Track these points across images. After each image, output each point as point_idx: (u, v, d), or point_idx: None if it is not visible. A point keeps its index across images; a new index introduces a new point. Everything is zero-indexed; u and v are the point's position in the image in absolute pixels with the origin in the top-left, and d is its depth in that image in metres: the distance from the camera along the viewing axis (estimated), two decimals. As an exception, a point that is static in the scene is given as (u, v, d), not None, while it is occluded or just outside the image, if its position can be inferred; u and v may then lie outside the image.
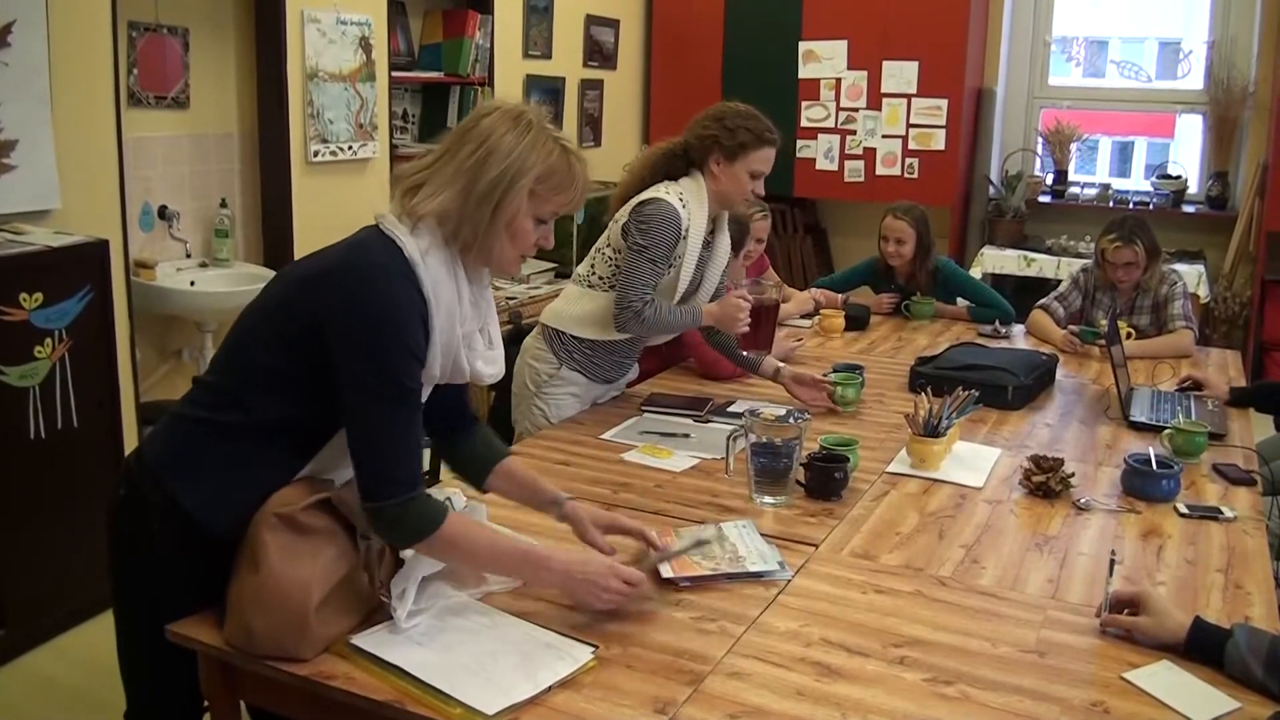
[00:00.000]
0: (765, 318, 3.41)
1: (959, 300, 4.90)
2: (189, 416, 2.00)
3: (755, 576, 2.16)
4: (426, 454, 2.68)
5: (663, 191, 3.18)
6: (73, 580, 3.57)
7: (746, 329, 3.25)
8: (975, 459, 2.91)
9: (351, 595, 1.89)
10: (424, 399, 1.99)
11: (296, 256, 5.00)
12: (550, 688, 1.73)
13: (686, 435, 3.05)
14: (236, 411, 1.93)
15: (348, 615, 1.88)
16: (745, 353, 3.43)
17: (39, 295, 3.44)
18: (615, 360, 3.36)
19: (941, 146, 7.02)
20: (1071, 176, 7.43)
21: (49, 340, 3.49)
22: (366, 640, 1.83)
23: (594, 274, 3.28)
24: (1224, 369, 4.11)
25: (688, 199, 3.20)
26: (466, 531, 1.92)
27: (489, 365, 2.10)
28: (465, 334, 1.99)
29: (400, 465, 1.86)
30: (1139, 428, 3.21)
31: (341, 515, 1.90)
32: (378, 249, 1.91)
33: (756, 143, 3.20)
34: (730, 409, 3.28)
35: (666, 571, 2.16)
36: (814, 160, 7.35)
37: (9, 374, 3.39)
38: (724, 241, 3.44)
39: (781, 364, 3.47)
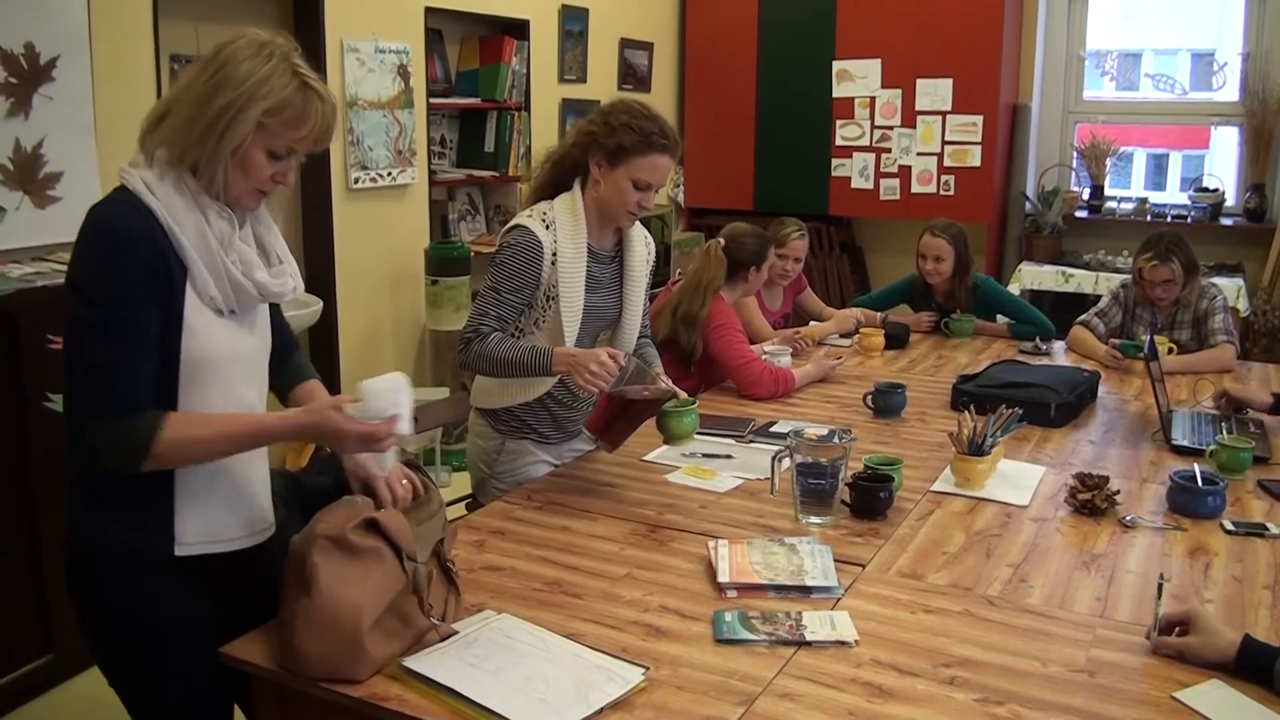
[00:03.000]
0: (632, 413, 2.72)
1: (998, 317, 4.90)
2: (70, 456, 1.99)
3: (805, 591, 2.18)
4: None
5: (525, 216, 2.87)
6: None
7: (592, 391, 2.64)
8: (1020, 477, 2.91)
9: (402, 616, 1.91)
10: (234, 331, 1.99)
11: (339, 282, 5.06)
12: (602, 709, 1.74)
13: (729, 456, 3.06)
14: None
15: (399, 636, 1.90)
16: (587, 431, 2.83)
17: (87, 324, 3.48)
18: (563, 414, 3.05)
19: (977, 163, 7.00)
20: (1107, 191, 7.40)
21: (96, 368, 3.53)
22: (419, 662, 1.85)
23: None
24: (1266, 383, 4.08)
25: (556, 219, 2.85)
26: (188, 428, 1.88)
27: (278, 279, 2.04)
28: (225, 247, 1.93)
29: (109, 393, 1.83)
30: (1181, 451, 3.16)
31: (388, 536, 1.92)
32: (108, 197, 1.91)
33: (642, 147, 2.78)
34: (773, 429, 3.28)
35: (722, 576, 2.20)
36: (849, 179, 7.35)
37: (56, 401, 3.43)
38: (637, 254, 3.03)
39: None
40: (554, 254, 2.83)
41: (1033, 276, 6.96)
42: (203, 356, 1.92)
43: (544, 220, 2.86)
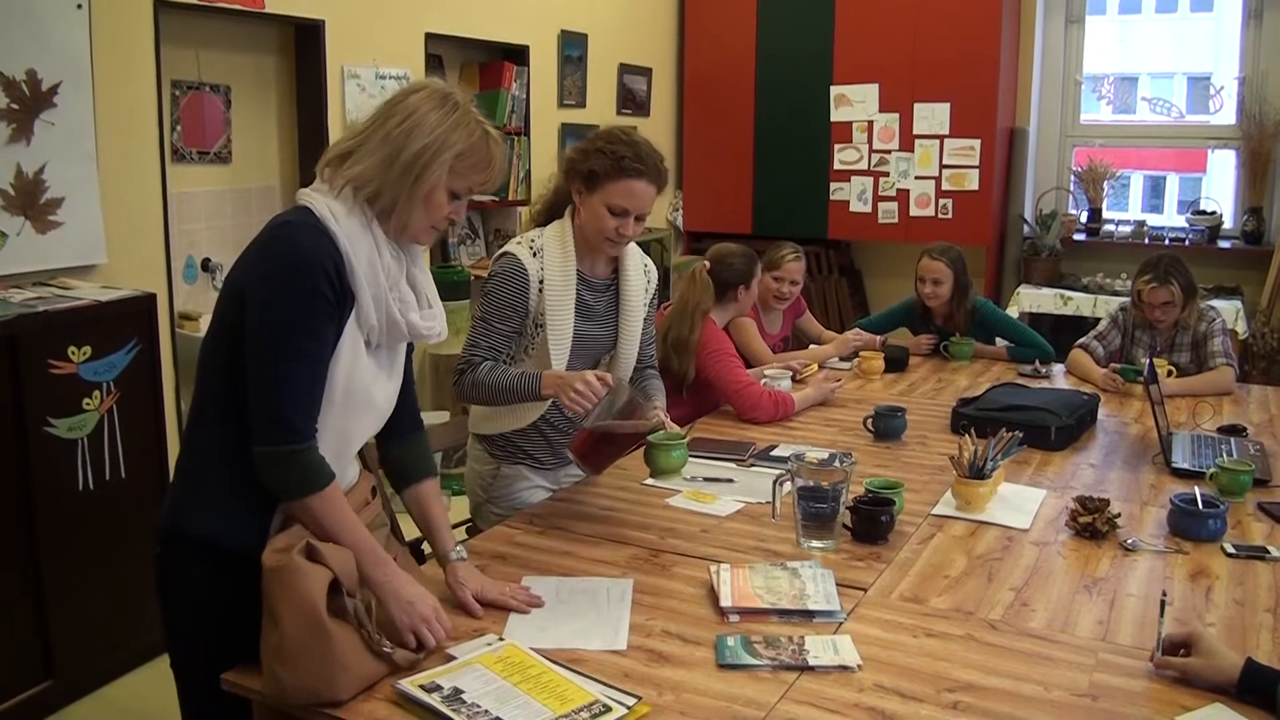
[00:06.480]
0: (615, 444, 2.66)
1: (998, 340, 4.91)
2: (184, 451, 2.08)
3: (807, 615, 2.17)
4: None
5: (514, 244, 2.89)
6: (120, 630, 3.59)
7: (577, 411, 2.60)
8: (1020, 500, 2.91)
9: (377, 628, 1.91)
10: (373, 364, 2.07)
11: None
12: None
13: (730, 480, 3.05)
14: (214, 427, 2.01)
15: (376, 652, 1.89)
16: (569, 454, 2.75)
17: (87, 348, 3.49)
18: (558, 440, 3.03)
19: (975, 187, 7.02)
20: (1105, 214, 7.42)
21: (97, 393, 3.54)
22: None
23: None
24: (1265, 406, 4.08)
25: (545, 246, 2.86)
26: (341, 507, 1.97)
27: (427, 321, 2.14)
28: (391, 284, 2.04)
29: (297, 411, 1.92)
30: (1181, 474, 3.15)
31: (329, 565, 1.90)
32: (289, 214, 2.01)
33: (614, 172, 2.75)
34: (774, 453, 3.28)
35: (724, 600, 2.20)
36: (847, 202, 7.37)
37: (58, 426, 3.44)
38: (633, 282, 3.00)
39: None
40: (541, 281, 2.83)
41: (1031, 299, 6.98)
42: (345, 384, 2.00)
43: (531, 248, 2.86)
